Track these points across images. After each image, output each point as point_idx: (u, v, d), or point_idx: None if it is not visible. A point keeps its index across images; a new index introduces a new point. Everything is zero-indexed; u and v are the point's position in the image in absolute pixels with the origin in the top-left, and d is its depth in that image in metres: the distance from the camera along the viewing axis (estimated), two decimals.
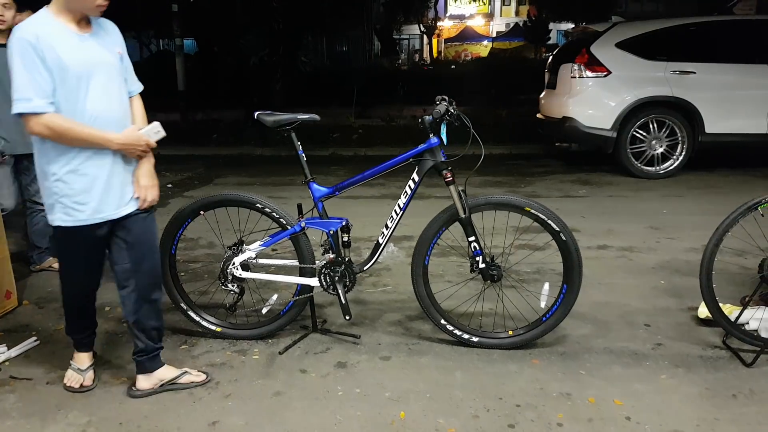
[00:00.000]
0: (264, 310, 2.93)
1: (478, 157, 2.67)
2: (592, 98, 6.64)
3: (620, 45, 6.55)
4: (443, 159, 2.65)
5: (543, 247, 3.65)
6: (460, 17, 36.09)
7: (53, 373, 2.64)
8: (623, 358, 2.74)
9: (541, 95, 7.75)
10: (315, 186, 2.76)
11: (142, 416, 2.33)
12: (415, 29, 29.36)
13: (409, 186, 2.71)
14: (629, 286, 3.58)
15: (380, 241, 2.78)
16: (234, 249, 2.85)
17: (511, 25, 32.58)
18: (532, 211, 2.65)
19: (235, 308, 2.89)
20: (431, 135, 2.63)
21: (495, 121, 9.84)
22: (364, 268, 2.81)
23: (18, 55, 2.04)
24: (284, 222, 2.75)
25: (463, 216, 2.65)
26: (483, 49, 31.21)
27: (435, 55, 29.52)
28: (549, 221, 2.64)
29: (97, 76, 2.19)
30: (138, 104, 2.44)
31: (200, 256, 4.20)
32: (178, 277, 2.94)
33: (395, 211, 2.74)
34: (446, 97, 2.64)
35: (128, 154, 2.27)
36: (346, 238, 2.77)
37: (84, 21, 2.20)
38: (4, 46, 2.33)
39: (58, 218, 2.22)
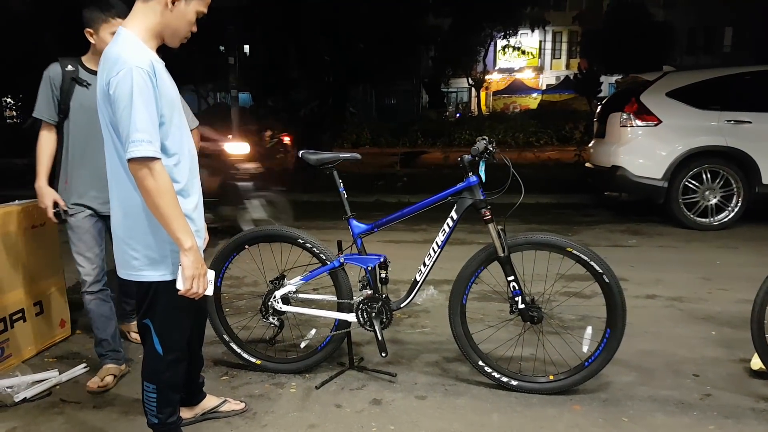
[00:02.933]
0: (302, 345, 2.97)
1: (521, 208, 2.68)
2: (643, 147, 6.55)
3: (671, 94, 6.48)
4: (482, 197, 2.68)
5: (588, 294, 3.58)
6: (509, 70, 36.49)
7: (99, 398, 2.73)
8: (668, 406, 2.63)
9: (590, 144, 7.70)
10: (354, 222, 2.82)
11: None
12: (463, 82, 29.83)
13: (447, 224, 2.74)
14: (677, 335, 3.45)
15: (418, 278, 2.80)
16: (276, 283, 2.92)
17: (562, 78, 32.71)
18: (574, 251, 2.63)
19: (275, 341, 2.94)
20: (470, 174, 2.67)
21: (543, 170, 9.83)
22: (401, 305, 2.82)
23: (137, 87, 1.75)
24: (324, 257, 2.82)
25: (502, 255, 2.65)
26: (532, 101, 31.36)
27: (483, 107, 29.82)
28: (591, 262, 2.61)
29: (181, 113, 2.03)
30: None
31: (244, 293, 4.30)
32: (222, 310, 3.02)
33: (433, 249, 2.77)
34: (486, 137, 2.69)
35: (186, 267, 1.89)
36: (384, 275, 2.81)
37: None
38: (95, 73, 2.20)
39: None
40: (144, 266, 1.97)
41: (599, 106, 8.02)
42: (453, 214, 2.73)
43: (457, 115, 25.25)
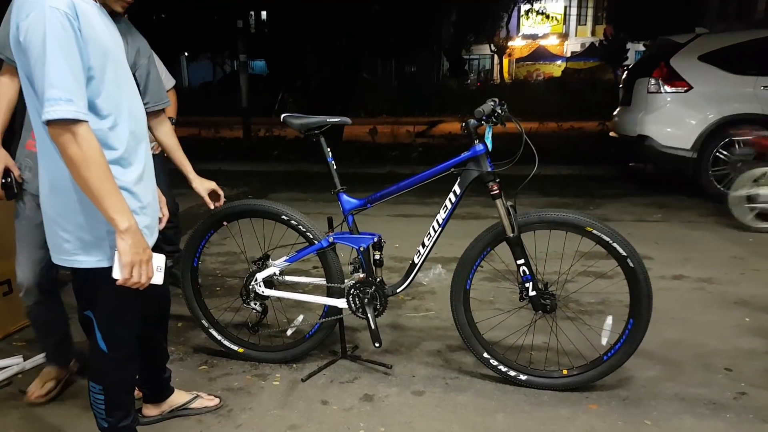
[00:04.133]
0: (289, 332, 2.69)
1: (536, 176, 2.34)
2: (671, 115, 6.11)
3: (704, 58, 6.00)
4: (489, 169, 2.34)
5: (608, 274, 3.24)
6: (533, 36, 35.42)
7: (64, 390, 2.49)
8: (697, 407, 2.31)
9: (615, 112, 7.25)
10: (345, 197, 2.51)
11: None
12: (485, 49, 29.01)
13: (450, 199, 2.41)
14: (707, 322, 3.11)
15: (416, 260, 2.49)
16: (259, 264, 2.64)
17: (587, 45, 31.65)
18: (594, 231, 2.29)
19: (257, 328, 2.67)
20: (476, 141, 2.33)
21: (565, 141, 9.40)
22: (397, 291, 2.52)
23: (51, 32, 1.43)
24: (311, 236, 2.52)
25: (511, 235, 2.32)
26: (556, 69, 30.44)
27: (506, 75, 29.02)
28: (614, 244, 2.28)
29: (124, 65, 1.73)
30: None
31: (240, 271, 4.03)
32: (200, 292, 2.75)
33: (433, 228, 2.45)
34: (496, 99, 2.34)
35: (122, 253, 1.58)
36: (378, 257, 2.51)
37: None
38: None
39: None
40: (77, 250, 1.67)
41: (625, 72, 7.53)
42: (456, 187, 2.40)
43: (478, 83, 24.60)
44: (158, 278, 1.72)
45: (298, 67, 10.36)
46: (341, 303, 2.54)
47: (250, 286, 2.60)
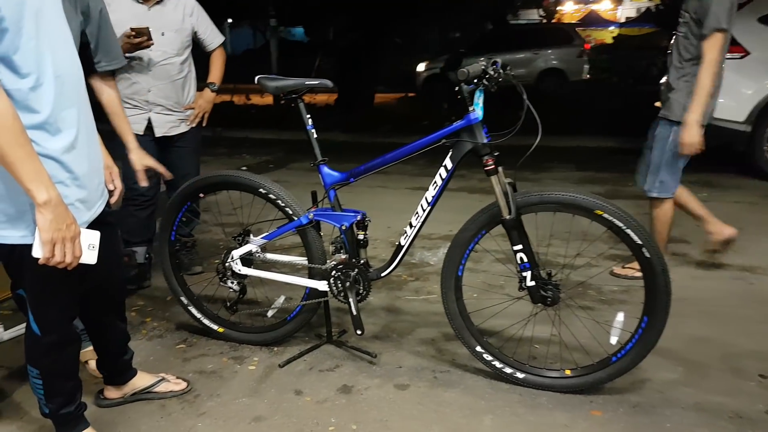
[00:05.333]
0: (270, 313, 2.50)
1: (574, 149, 2.04)
2: (723, 84, 5.57)
3: (764, 20, 5.43)
4: (485, 140, 2.05)
5: (628, 257, 2.91)
6: (585, 1, 33.85)
7: None
8: (720, 420, 2.01)
9: (662, 81, 6.71)
10: (326, 170, 2.27)
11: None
12: (533, 14, 27.83)
13: (440, 175, 2.14)
14: (743, 319, 2.76)
15: (402, 242, 2.24)
16: (239, 240, 2.44)
17: (642, 10, 30.01)
18: (605, 215, 1.99)
19: (235, 308, 2.49)
20: (471, 108, 2.04)
21: (609, 110, 8.85)
22: (382, 274, 2.29)
23: None
24: (290, 212, 2.30)
25: (507, 217, 2.04)
26: (608, 35, 29.06)
27: None
28: (627, 230, 1.97)
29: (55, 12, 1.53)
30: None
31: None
32: (178, 267, 2.58)
33: (421, 206, 2.19)
34: (493, 59, 2.04)
35: (42, 229, 1.41)
36: (361, 237, 2.27)
37: None
38: None
39: None
40: (1, 224, 1.50)
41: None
42: (447, 161, 2.13)
43: None
44: (90, 257, 1.54)
45: (327, 32, 10.02)
46: (322, 285, 2.33)
47: (227, 264, 2.41)
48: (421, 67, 13.17)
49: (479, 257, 3.45)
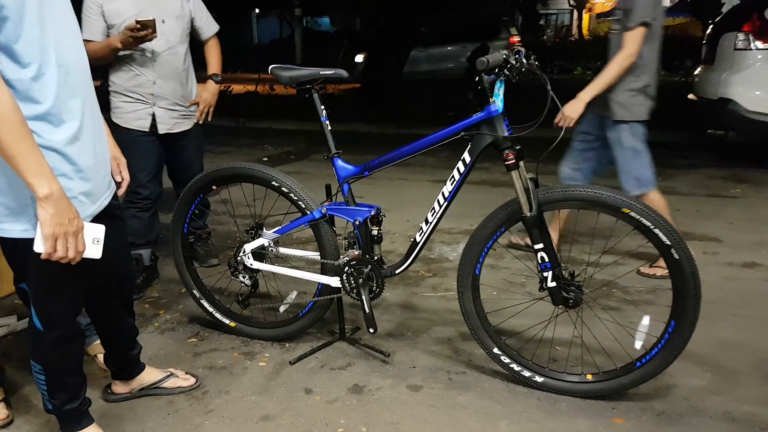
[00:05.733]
0: (281, 309, 2.45)
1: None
2: (761, 76, 5.33)
3: None
4: (507, 133, 1.96)
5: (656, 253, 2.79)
6: None
7: None
8: (752, 431, 1.91)
9: (696, 72, 6.48)
10: (340, 163, 2.21)
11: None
12: (564, 2, 27.28)
13: (458, 169, 2.05)
14: None
15: (417, 239, 2.16)
16: (252, 234, 2.39)
17: (676, 0, 29.21)
18: (632, 214, 1.88)
19: (247, 303, 2.44)
20: (492, 100, 1.95)
21: None
22: (396, 272, 2.21)
23: None
24: (303, 206, 2.24)
25: (528, 215, 1.94)
26: None
27: (585, 31, 27.31)
28: (656, 230, 1.86)
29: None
30: None
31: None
32: (191, 260, 2.54)
33: (438, 202, 2.10)
34: (519, 49, 1.93)
35: (43, 223, 1.37)
36: (375, 232, 2.19)
37: None
38: None
39: None
40: (4, 217, 1.46)
41: (711, 26, 6.69)
42: (466, 155, 2.03)
43: (556, 39, 23.18)
44: (94, 251, 1.49)
45: (353, 20, 9.93)
46: (335, 281, 2.26)
47: (239, 258, 2.36)
48: None
49: (500, 253, 3.35)
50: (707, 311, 1.97)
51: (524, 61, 1.91)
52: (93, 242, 1.49)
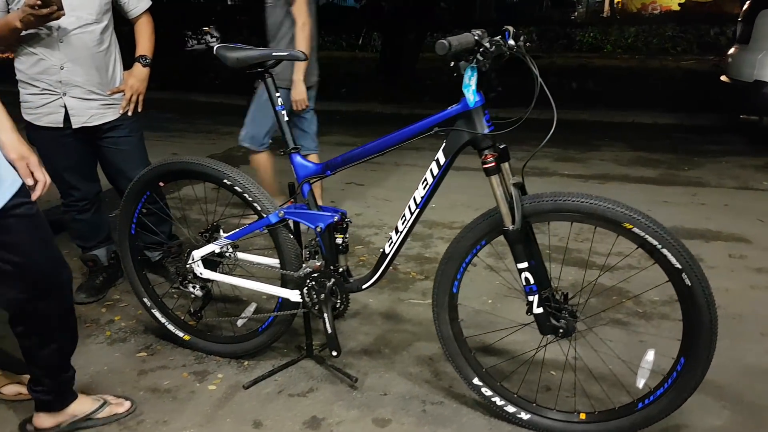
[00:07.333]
0: (239, 323, 2.18)
1: (627, 125, 1.61)
2: None
3: None
4: (486, 130, 1.63)
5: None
6: None
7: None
8: None
9: (730, 52, 5.99)
10: (298, 160, 1.90)
11: None
12: None
13: (431, 171, 1.73)
14: None
15: (386, 250, 1.86)
16: (205, 238, 2.11)
17: None
18: (635, 230, 1.55)
19: (200, 316, 2.17)
20: (470, 90, 1.62)
21: (670, 83, 8.10)
22: (363, 287, 1.91)
23: None
24: (258, 208, 1.94)
25: (511, 228, 1.62)
26: (674, 1, 27.24)
27: (618, 7, 26.33)
28: (664, 250, 1.53)
29: None
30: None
31: None
32: (141, 265, 2.28)
33: (409, 208, 1.79)
34: (509, 29, 1.60)
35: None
36: (340, 240, 1.90)
37: None
38: None
39: None
40: None
41: (747, 1, 6.17)
42: (440, 155, 1.72)
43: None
44: None
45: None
46: (295, 295, 1.97)
47: (187, 266, 2.09)
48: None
49: (503, 253, 3.02)
50: (730, 329, 1.64)
51: (510, 43, 1.57)
52: None
